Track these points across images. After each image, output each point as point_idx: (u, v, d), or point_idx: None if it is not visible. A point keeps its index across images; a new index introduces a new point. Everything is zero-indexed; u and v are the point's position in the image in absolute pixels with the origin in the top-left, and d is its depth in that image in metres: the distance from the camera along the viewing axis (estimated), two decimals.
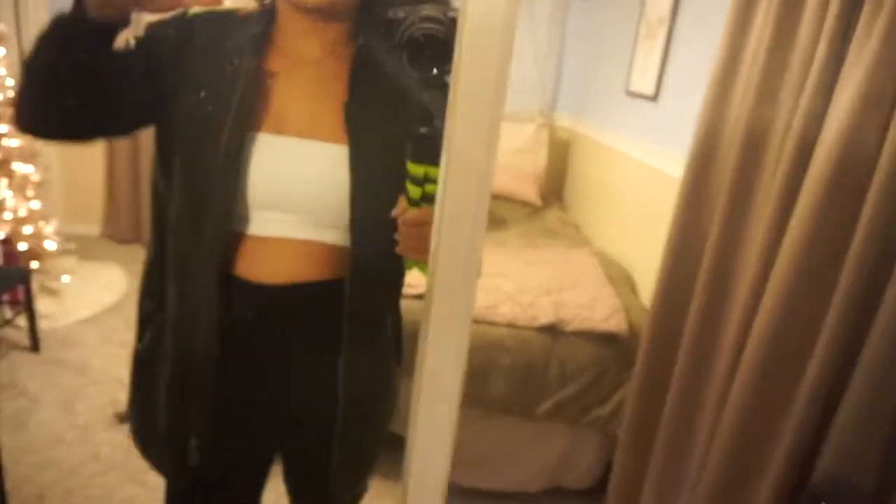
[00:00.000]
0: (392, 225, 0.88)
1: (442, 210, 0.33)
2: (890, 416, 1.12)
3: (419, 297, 2.05)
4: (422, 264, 0.86)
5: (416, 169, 0.79)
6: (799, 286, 1.28)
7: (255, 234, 0.92)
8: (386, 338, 1.05)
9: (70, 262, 3.49)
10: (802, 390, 1.26)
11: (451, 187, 0.31)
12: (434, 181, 0.79)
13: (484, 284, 2.24)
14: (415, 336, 1.55)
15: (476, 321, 2.07)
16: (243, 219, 0.91)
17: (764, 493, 1.33)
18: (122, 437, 2.30)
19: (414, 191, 0.81)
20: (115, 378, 2.66)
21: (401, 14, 0.74)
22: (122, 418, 2.40)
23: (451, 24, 0.72)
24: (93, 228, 4.17)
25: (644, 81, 2.69)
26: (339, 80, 0.93)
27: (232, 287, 0.92)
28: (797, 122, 1.34)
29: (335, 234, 0.94)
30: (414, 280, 1.08)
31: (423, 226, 0.82)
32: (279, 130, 0.90)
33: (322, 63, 0.94)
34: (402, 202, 0.83)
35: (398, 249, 0.85)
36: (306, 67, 0.93)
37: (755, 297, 1.43)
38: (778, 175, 1.39)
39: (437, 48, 0.71)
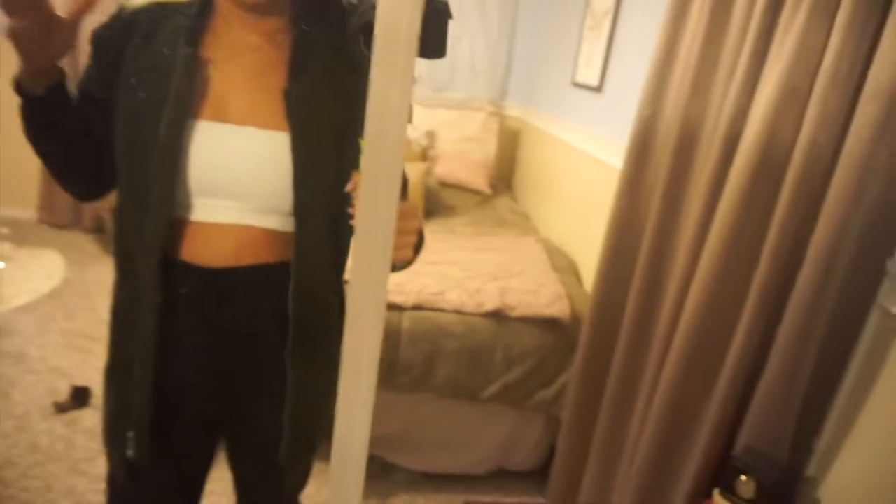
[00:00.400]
0: (334, 206, 0.91)
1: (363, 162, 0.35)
2: (800, 396, 1.20)
3: None
4: None
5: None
6: (723, 272, 1.35)
7: (198, 220, 0.93)
8: (331, 317, 1.07)
9: (4, 247, 3.36)
10: (726, 370, 1.34)
11: (371, 146, 0.34)
12: None
13: (433, 271, 2.27)
14: (382, 343, 1.55)
15: (424, 307, 2.10)
16: (186, 205, 0.92)
17: (692, 467, 1.41)
18: (61, 427, 2.25)
19: None
20: (53, 367, 2.59)
21: (354, 1, 0.76)
22: (60, 408, 2.34)
23: None
24: (29, 213, 4.01)
25: (589, 73, 2.76)
26: (278, 68, 0.94)
27: (176, 270, 0.93)
28: (724, 116, 1.40)
29: (277, 219, 0.96)
30: None
31: None
32: (219, 118, 0.91)
33: (261, 51, 0.95)
34: (355, 177, 0.85)
35: (354, 223, 0.87)
36: (245, 55, 0.94)
37: (686, 284, 1.50)
38: (708, 165, 1.46)
39: None
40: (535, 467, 2.32)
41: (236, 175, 0.91)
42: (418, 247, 0.95)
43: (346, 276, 1.09)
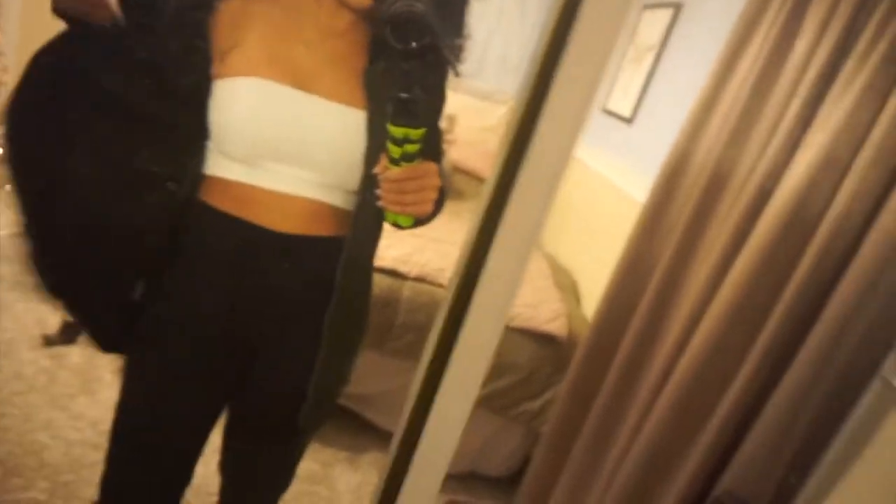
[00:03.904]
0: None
1: (500, 214, 0.37)
2: (792, 450, 1.24)
3: (381, 270, 2.10)
4: (401, 217, 0.94)
5: (396, 131, 0.85)
6: (732, 321, 1.39)
7: (271, 189, 0.98)
8: (366, 292, 1.13)
9: None
10: (718, 415, 1.38)
11: (519, 194, 0.36)
12: (413, 141, 0.86)
13: (437, 248, 2.31)
14: (381, 307, 1.59)
15: (426, 281, 2.15)
16: (262, 170, 0.97)
17: (669, 503, 1.45)
18: (46, 360, 2.25)
19: (394, 150, 0.87)
20: (46, 299, 2.58)
21: None
22: (48, 340, 2.34)
23: (427, 3, 0.80)
24: None
25: (623, 103, 2.80)
26: (360, 52, 0.99)
27: (245, 230, 0.98)
28: (760, 171, 1.44)
29: (340, 195, 1.02)
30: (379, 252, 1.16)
31: (404, 181, 0.89)
32: (308, 89, 0.96)
33: (346, 36, 1.01)
34: (383, 161, 0.90)
35: (381, 204, 0.92)
36: (333, 39, 1.00)
37: (691, 326, 1.54)
38: (732, 217, 1.50)
39: (415, 23, 0.79)
40: (506, 475, 2.36)
41: (313, 145, 0.96)
42: (439, 203, 1.00)
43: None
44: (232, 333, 1.05)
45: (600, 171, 2.86)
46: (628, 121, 2.70)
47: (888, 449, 1.13)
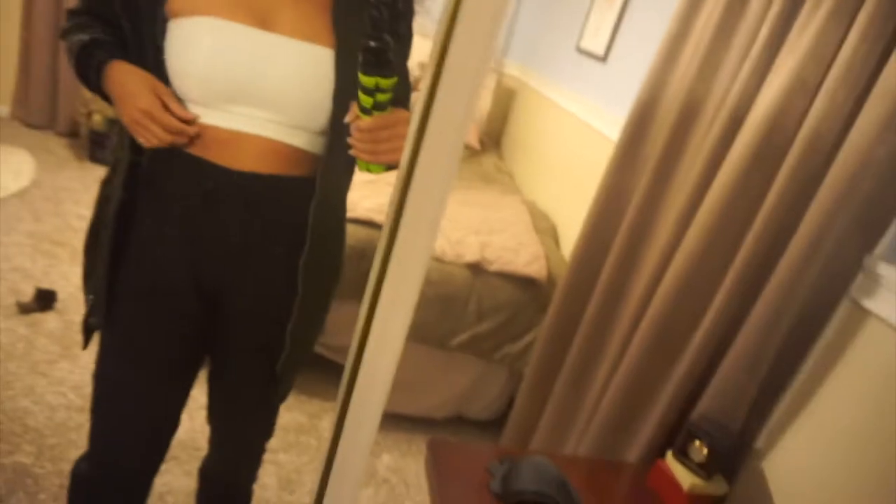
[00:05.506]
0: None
1: (415, 156, 0.36)
2: (762, 373, 1.27)
3: (355, 220, 2.08)
4: (373, 166, 0.93)
5: (367, 80, 0.83)
6: (705, 250, 1.40)
7: (230, 128, 0.95)
8: (339, 235, 1.11)
9: None
10: (693, 343, 1.40)
11: (429, 138, 0.35)
12: (384, 91, 0.84)
13: None
14: (357, 258, 1.58)
15: None
16: (220, 111, 0.94)
17: (648, 431, 1.48)
18: (23, 328, 2.22)
19: (366, 100, 0.85)
20: (18, 267, 2.54)
21: None
22: (24, 308, 2.31)
23: None
24: (1, 108, 3.85)
25: (596, 41, 2.75)
26: None
27: (206, 170, 0.96)
28: (730, 100, 1.43)
29: (305, 137, 0.99)
30: (354, 203, 1.15)
31: (376, 131, 0.87)
32: (266, 27, 0.92)
33: None
34: (354, 109, 0.88)
35: (352, 153, 0.91)
36: None
37: (666, 257, 1.55)
38: (705, 146, 1.49)
39: None
40: (492, 418, 2.40)
41: (276, 86, 0.93)
42: None
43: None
44: (202, 279, 1.03)
45: (575, 112, 2.83)
46: (602, 59, 2.66)
47: (857, 369, 1.16)
